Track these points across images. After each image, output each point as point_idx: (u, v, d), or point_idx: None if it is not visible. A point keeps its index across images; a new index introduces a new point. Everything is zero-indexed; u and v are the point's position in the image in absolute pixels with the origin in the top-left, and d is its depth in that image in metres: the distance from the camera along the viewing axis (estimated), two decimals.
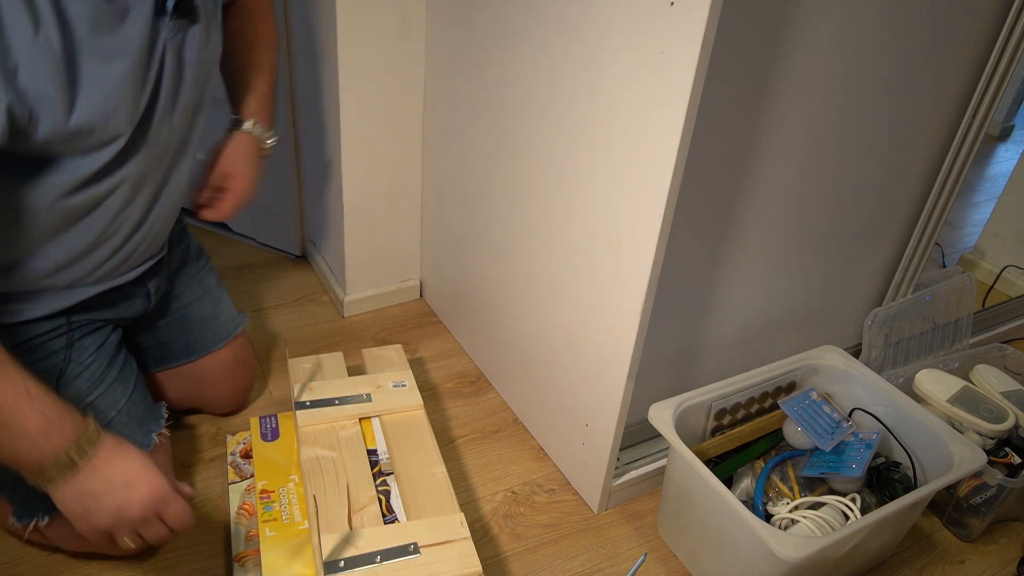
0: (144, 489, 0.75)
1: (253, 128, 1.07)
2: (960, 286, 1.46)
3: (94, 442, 0.73)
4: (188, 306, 1.14)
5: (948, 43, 1.08)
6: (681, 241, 0.96)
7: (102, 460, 0.74)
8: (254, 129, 1.07)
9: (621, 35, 0.84)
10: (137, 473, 0.75)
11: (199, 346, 1.16)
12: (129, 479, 0.75)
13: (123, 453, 0.76)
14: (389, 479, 1.02)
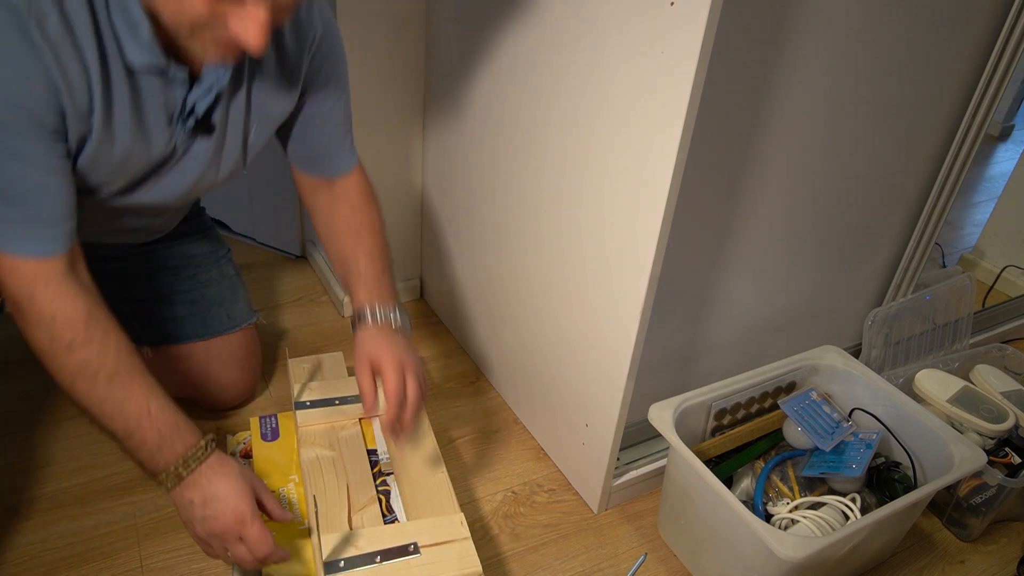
0: (227, 508, 0.80)
1: (372, 316, 0.96)
2: (960, 286, 1.46)
3: (200, 459, 0.81)
4: (206, 286, 1.17)
5: (948, 43, 1.08)
6: (681, 241, 0.96)
7: (203, 475, 0.81)
8: (373, 316, 0.96)
9: (621, 35, 0.84)
10: (226, 492, 0.81)
11: (213, 327, 1.17)
12: (218, 496, 0.81)
13: (221, 471, 0.82)
14: (389, 479, 1.02)
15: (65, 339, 0.78)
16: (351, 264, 1.01)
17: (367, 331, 0.95)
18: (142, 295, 1.14)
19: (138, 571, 1.00)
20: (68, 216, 0.78)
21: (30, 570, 0.98)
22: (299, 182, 1.05)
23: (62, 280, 0.78)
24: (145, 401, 0.80)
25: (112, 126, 0.79)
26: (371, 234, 1.03)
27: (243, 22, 0.69)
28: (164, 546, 1.03)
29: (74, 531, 1.04)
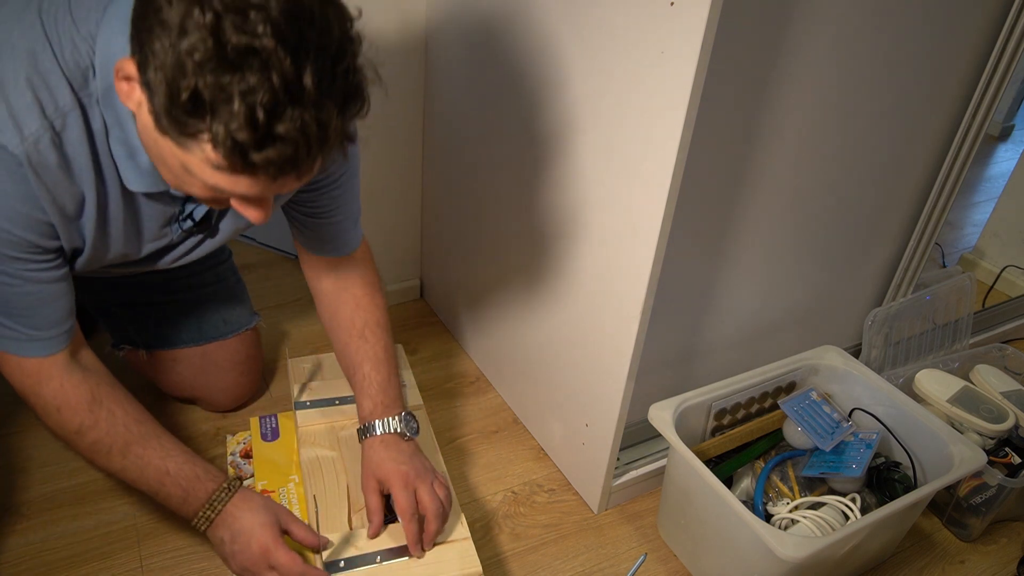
0: (252, 540, 0.83)
1: (377, 430, 0.95)
2: (960, 286, 1.46)
3: (224, 500, 0.85)
4: (201, 291, 1.16)
5: (948, 43, 1.08)
6: (681, 241, 0.96)
7: (228, 514, 0.85)
8: (381, 428, 0.95)
9: (621, 35, 0.84)
10: (251, 525, 0.84)
11: (208, 332, 1.16)
12: (244, 530, 0.84)
13: (245, 507, 0.85)
14: None
15: (73, 426, 0.82)
16: (356, 369, 1.00)
17: (373, 446, 0.94)
18: (136, 299, 1.13)
19: (138, 571, 1.00)
20: (69, 316, 0.81)
21: (30, 570, 0.98)
22: (303, 260, 1.04)
23: (64, 372, 0.82)
24: (162, 464, 0.84)
25: (108, 238, 0.80)
26: (375, 334, 1.01)
27: (246, 208, 0.69)
28: (164, 546, 1.03)
29: (74, 531, 1.04)
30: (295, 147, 0.59)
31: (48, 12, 0.68)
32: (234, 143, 0.57)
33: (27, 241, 0.72)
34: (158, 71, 0.57)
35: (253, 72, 0.56)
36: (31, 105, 0.66)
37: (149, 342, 1.15)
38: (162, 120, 0.59)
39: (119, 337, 1.17)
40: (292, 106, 0.58)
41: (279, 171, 0.61)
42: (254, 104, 0.56)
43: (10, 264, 0.73)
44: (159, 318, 1.15)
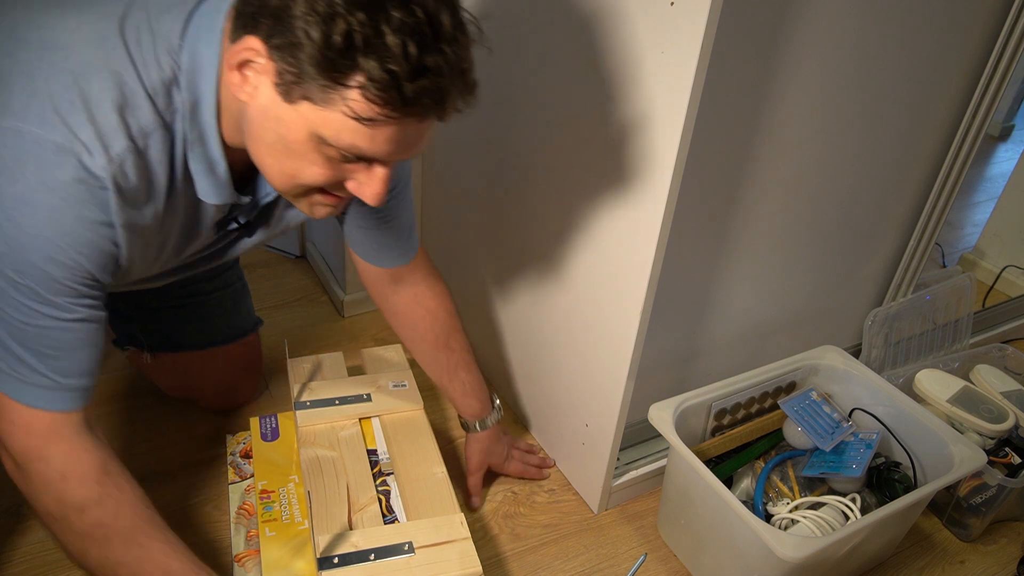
0: None
1: (490, 421, 1.12)
2: (960, 286, 1.46)
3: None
4: (206, 295, 1.15)
5: (948, 43, 1.08)
6: (681, 241, 0.96)
7: None
8: (485, 423, 1.12)
9: (621, 35, 0.84)
10: None
11: (212, 336, 1.16)
12: None
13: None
14: (389, 479, 1.01)
15: (76, 499, 0.73)
16: (452, 376, 1.09)
17: (488, 438, 1.13)
18: (146, 303, 1.13)
19: None
20: (97, 368, 0.75)
21: (30, 570, 0.98)
22: (364, 273, 1.04)
23: (77, 434, 0.74)
24: (164, 561, 0.75)
25: (165, 248, 0.78)
26: (458, 341, 1.08)
27: (368, 183, 0.69)
28: None
29: None
30: (445, 79, 0.62)
31: (130, 31, 0.66)
32: (390, 75, 0.59)
33: (88, 273, 0.68)
34: (299, 27, 0.58)
35: (397, 8, 0.58)
36: (117, 127, 0.65)
37: (153, 345, 1.15)
38: (307, 76, 0.59)
39: (124, 337, 1.17)
40: (436, 40, 0.60)
41: (431, 105, 0.62)
42: (405, 37, 0.58)
43: (62, 296, 0.67)
44: (166, 322, 1.14)
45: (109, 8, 0.67)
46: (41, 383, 0.70)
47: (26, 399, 0.70)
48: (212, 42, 0.67)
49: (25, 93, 0.62)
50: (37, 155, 0.62)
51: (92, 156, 0.63)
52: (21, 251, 0.63)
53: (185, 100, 0.68)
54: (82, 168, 0.63)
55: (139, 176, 0.68)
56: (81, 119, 0.63)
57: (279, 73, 0.61)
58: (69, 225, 0.64)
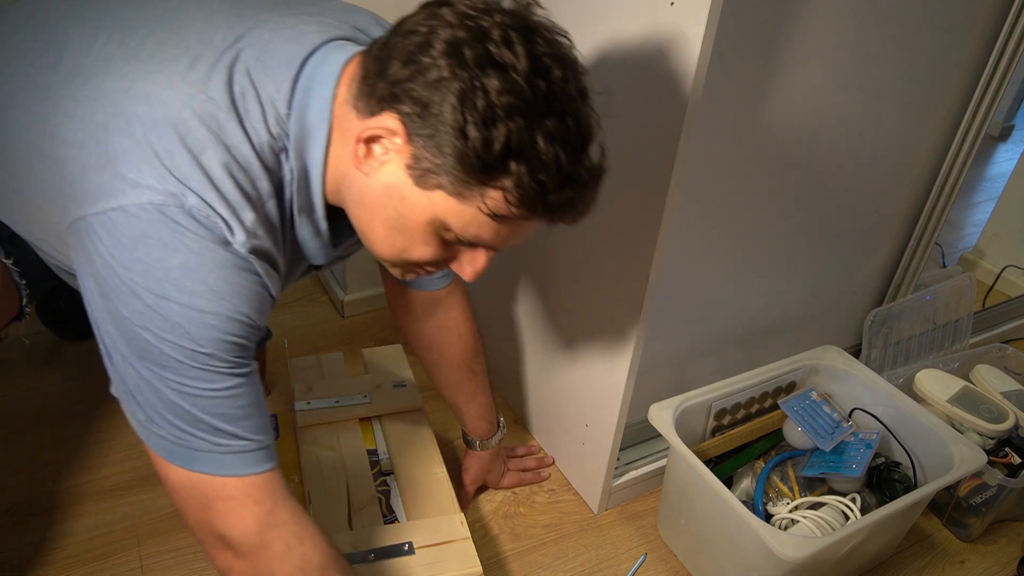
0: None
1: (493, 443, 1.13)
2: (960, 286, 1.46)
3: None
4: None
5: (948, 43, 1.08)
6: (681, 241, 0.96)
7: None
8: (488, 443, 1.13)
9: (621, 35, 0.84)
10: None
11: None
12: None
13: None
14: (389, 479, 1.02)
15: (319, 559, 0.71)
16: (470, 399, 1.09)
17: (487, 457, 1.14)
18: None
19: (138, 571, 1.00)
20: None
21: (30, 570, 0.98)
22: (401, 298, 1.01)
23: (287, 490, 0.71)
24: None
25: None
26: (479, 363, 1.08)
27: (470, 263, 0.69)
28: (164, 546, 1.03)
29: (74, 531, 1.04)
30: (587, 189, 0.64)
31: (239, 98, 0.64)
32: (538, 185, 0.59)
33: (256, 326, 0.66)
34: (452, 122, 0.57)
35: (551, 116, 0.59)
36: (242, 200, 0.63)
37: None
38: (448, 170, 0.59)
39: None
40: (583, 148, 0.62)
41: (569, 212, 0.64)
42: (557, 148, 0.59)
43: (240, 355, 0.65)
44: None
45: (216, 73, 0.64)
46: (245, 448, 0.66)
47: (238, 469, 0.66)
48: (323, 110, 0.65)
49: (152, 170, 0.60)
50: (187, 223, 0.60)
51: (232, 232, 0.62)
52: (200, 317, 0.61)
53: (293, 168, 0.67)
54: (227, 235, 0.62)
55: (267, 243, 0.66)
56: (212, 195, 0.61)
57: (415, 158, 0.61)
58: (236, 283, 0.63)
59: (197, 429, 0.64)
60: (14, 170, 0.68)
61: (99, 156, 0.61)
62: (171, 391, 0.62)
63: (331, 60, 0.66)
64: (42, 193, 0.66)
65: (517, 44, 0.58)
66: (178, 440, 0.64)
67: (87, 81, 0.64)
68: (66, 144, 0.63)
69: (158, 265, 0.59)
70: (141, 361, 0.62)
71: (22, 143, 0.66)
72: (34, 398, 1.24)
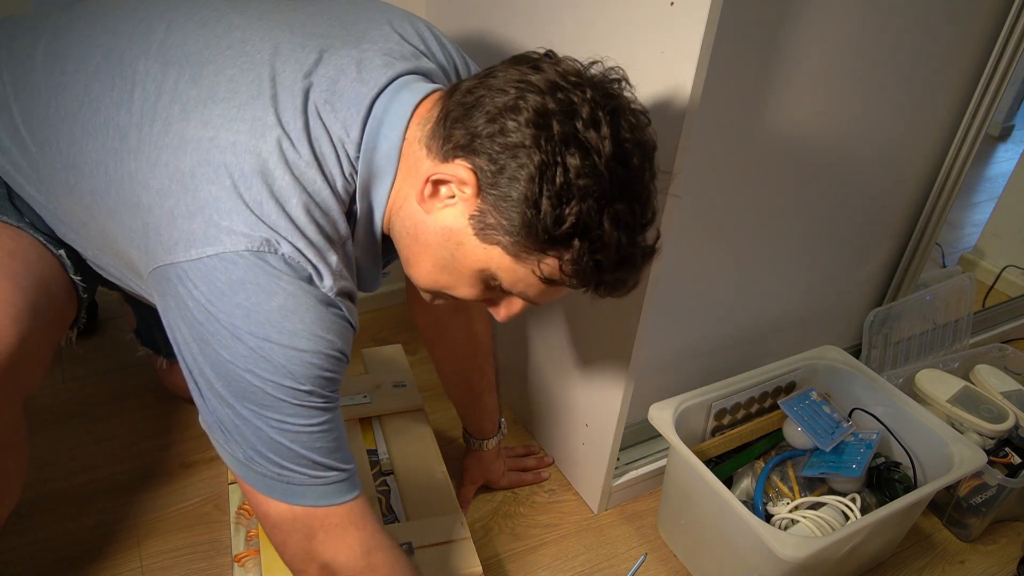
0: None
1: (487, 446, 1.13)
2: (960, 286, 1.46)
3: None
4: None
5: (948, 43, 1.08)
6: (681, 241, 0.96)
7: None
8: (489, 443, 1.13)
9: (621, 35, 0.84)
10: None
11: None
12: None
13: None
14: (389, 479, 1.02)
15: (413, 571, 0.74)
16: (476, 397, 1.09)
17: (488, 456, 1.14)
18: None
19: (138, 571, 1.00)
20: None
21: (31, 570, 0.98)
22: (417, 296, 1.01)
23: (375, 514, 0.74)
24: None
25: None
26: (488, 362, 1.08)
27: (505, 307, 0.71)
28: (164, 546, 1.03)
29: (74, 531, 1.04)
30: (638, 269, 0.65)
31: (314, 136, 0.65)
32: (595, 265, 0.61)
33: (346, 359, 0.67)
34: (526, 191, 0.58)
35: (622, 200, 0.60)
36: (326, 244, 0.64)
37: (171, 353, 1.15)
38: (511, 233, 0.60)
39: (146, 338, 1.16)
40: (643, 230, 0.64)
41: (615, 290, 0.66)
42: (620, 232, 0.61)
43: (332, 389, 0.66)
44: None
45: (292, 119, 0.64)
46: (339, 478, 0.68)
47: (337, 498, 0.68)
48: (392, 153, 0.66)
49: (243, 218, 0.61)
50: (281, 266, 0.61)
51: (321, 277, 0.64)
52: (301, 357, 0.62)
53: (360, 207, 0.68)
54: (316, 280, 0.63)
55: (348, 280, 0.68)
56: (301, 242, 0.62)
57: (481, 212, 0.62)
58: (329, 318, 0.64)
59: (297, 465, 0.65)
60: (89, 204, 0.69)
61: (188, 204, 0.61)
62: (272, 429, 0.64)
63: (400, 100, 0.67)
64: (122, 232, 0.67)
65: (604, 126, 0.59)
66: (279, 476, 0.66)
67: (168, 128, 0.64)
68: (149, 191, 0.63)
69: (258, 309, 0.60)
70: (241, 402, 0.63)
71: (100, 182, 0.67)
72: (34, 398, 1.24)
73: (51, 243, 0.75)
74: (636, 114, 0.64)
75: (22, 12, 0.78)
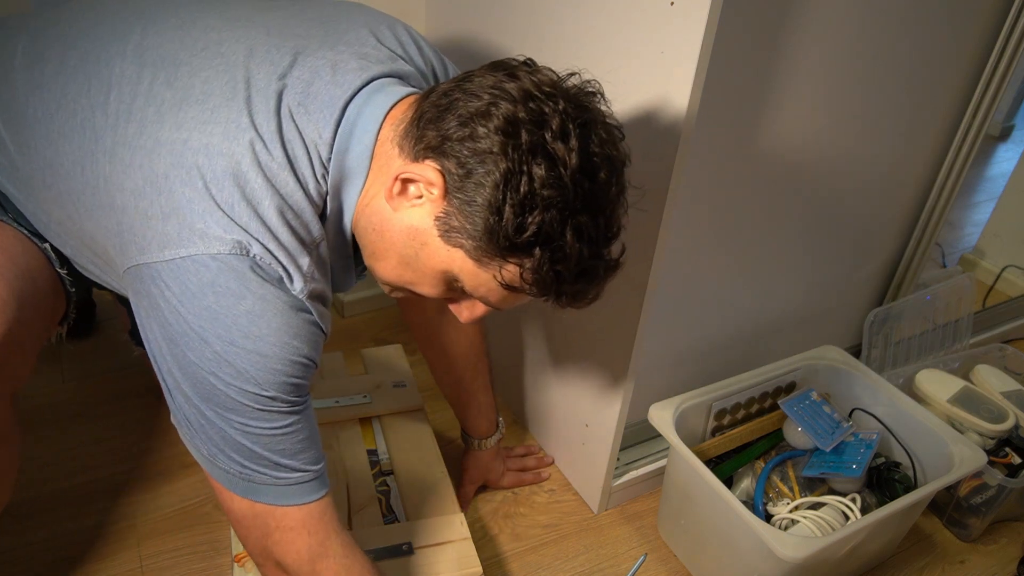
0: None
1: (485, 445, 1.13)
2: (960, 286, 1.46)
3: None
4: None
5: (948, 43, 1.08)
6: (681, 241, 0.96)
7: None
8: (487, 443, 1.13)
9: (621, 35, 0.84)
10: None
11: None
12: None
13: None
14: (389, 479, 1.02)
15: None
16: (472, 397, 1.09)
17: (486, 456, 1.14)
18: None
19: (138, 571, 1.00)
20: None
21: (30, 570, 0.98)
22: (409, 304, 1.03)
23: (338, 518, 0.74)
24: None
25: None
26: (483, 362, 1.08)
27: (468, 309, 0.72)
28: (164, 546, 1.03)
29: (74, 531, 1.04)
30: (599, 283, 0.66)
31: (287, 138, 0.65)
32: (555, 275, 0.62)
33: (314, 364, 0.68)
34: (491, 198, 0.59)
35: (585, 213, 0.60)
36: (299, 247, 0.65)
37: None
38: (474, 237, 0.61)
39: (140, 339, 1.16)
40: (606, 243, 0.64)
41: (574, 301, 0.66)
42: (583, 244, 0.61)
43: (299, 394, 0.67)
44: None
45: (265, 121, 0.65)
46: (302, 479, 0.69)
47: (296, 499, 0.70)
48: (363, 155, 0.67)
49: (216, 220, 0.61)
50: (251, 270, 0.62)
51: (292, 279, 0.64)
52: (265, 362, 0.62)
53: (331, 207, 0.68)
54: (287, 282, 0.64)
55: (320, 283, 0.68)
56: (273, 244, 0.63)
57: (447, 214, 0.62)
58: (297, 323, 0.64)
59: (259, 465, 0.67)
60: (67, 203, 0.69)
61: (162, 206, 0.62)
62: (234, 431, 0.65)
63: (373, 104, 0.67)
64: (99, 232, 0.67)
65: (573, 139, 0.59)
66: (241, 474, 0.67)
67: (143, 130, 0.64)
68: (124, 192, 0.63)
69: (226, 312, 0.61)
70: (206, 403, 0.64)
71: (76, 183, 0.67)
72: (34, 398, 1.24)
73: (35, 237, 0.75)
74: (608, 128, 0.64)
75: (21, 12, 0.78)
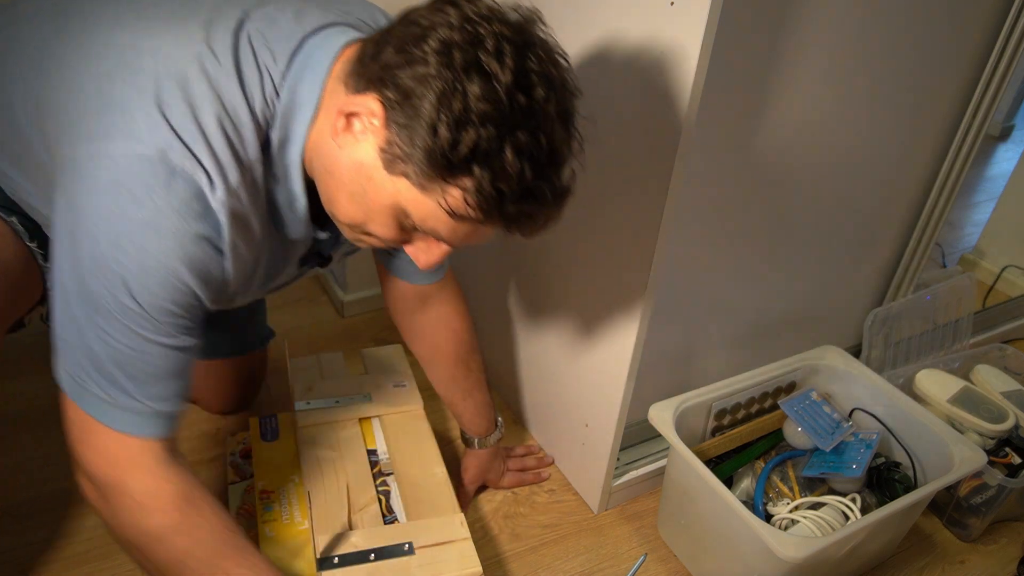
0: None
1: (483, 444, 1.13)
2: (960, 286, 1.46)
3: None
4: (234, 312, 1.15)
5: (948, 43, 1.08)
6: (681, 241, 0.96)
7: None
8: (487, 442, 1.13)
9: (621, 35, 0.84)
10: None
11: (223, 350, 1.16)
12: None
13: None
14: (389, 479, 1.02)
15: (156, 529, 0.70)
16: (467, 396, 1.09)
17: (486, 455, 1.14)
18: None
19: (138, 571, 1.00)
20: (185, 395, 0.73)
21: (30, 570, 0.98)
22: (392, 291, 1.02)
23: (160, 464, 0.70)
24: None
25: (253, 281, 0.78)
26: (475, 360, 1.08)
27: (426, 252, 0.71)
28: None
29: (74, 531, 1.04)
30: (546, 207, 0.65)
31: (242, 56, 0.66)
32: (498, 193, 0.61)
33: (198, 300, 0.67)
34: (427, 117, 0.58)
35: (525, 131, 0.60)
36: (232, 160, 0.64)
37: None
38: (415, 161, 0.60)
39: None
40: (551, 167, 0.63)
41: (524, 225, 0.65)
42: (523, 161, 0.60)
43: (170, 323, 0.66)
44: None
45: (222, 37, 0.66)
46: (134, 408, 0.68)
47: (116, 424, 0.68)
48: (315, 86, 0.67)
49: (148, 119, 0.61)
50: (163, 181, 0.61)
51: (213, 187, 0.64)
52: (144, 276, 0.62)
53: (276, 136, 0.68)
54: (204, 197, 0.63)
55: (246, 207, 0.68)
56: (202, 149, 0.63)
57: (389, 143, 0.62)
58: (191, 251, 0.64)
59: (99, 374, 0.66)
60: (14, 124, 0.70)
61: (99, 102, 0.63)
62: (94, 335, 0.65)
63: (330, 41, 0.68)
64: (41, 140, 0.68)
65: (508, 56, 0.59)
66: (78, 378, 0.67)
67: (94, 36, 0.66)
68: (69, 92, 0.65)
69: (121, 216, 0.61)
70: (81, 304, 0.64)
71: (17, 94, 0.68)
72: (35, 398, 1.24)
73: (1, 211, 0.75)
74: (549, 51, 0.63)
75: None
